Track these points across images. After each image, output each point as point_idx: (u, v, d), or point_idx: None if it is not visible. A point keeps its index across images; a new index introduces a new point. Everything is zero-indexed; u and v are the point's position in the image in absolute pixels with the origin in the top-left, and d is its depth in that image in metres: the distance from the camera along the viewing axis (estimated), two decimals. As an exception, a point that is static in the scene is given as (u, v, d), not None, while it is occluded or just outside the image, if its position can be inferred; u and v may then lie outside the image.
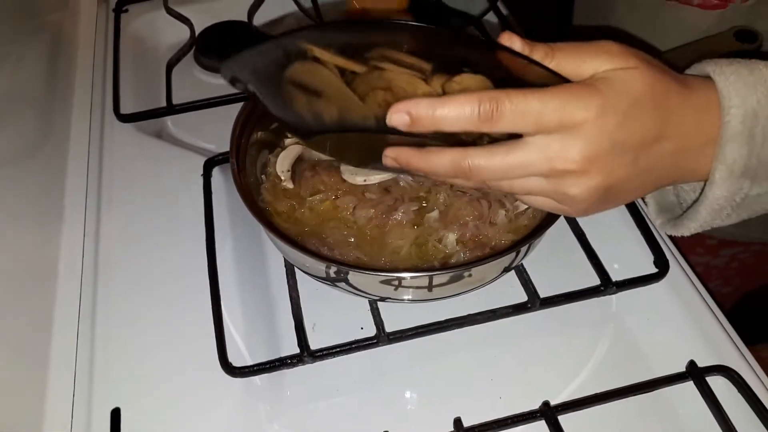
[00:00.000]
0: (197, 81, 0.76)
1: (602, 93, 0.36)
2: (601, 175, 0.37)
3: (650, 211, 0.49)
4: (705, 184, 0.41)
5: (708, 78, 0.39)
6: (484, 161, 0.37)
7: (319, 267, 0.48)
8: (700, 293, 0.55)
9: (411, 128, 0.36)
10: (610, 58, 0.37)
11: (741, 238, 0.76)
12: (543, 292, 0.52)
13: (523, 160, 0.37)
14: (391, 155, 0.40)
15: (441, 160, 0.38)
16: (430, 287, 0.48)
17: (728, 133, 0.38)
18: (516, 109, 0.35)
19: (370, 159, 0.43)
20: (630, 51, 0.38)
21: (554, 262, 0.56)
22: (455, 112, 0.35)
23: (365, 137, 0.42)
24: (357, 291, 0.49)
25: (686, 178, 0.42)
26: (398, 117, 0.36)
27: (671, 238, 0.60)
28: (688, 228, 0.44)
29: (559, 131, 0.36)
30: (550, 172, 0.37)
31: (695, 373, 0.49)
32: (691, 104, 0.38)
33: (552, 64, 0.38)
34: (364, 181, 0.54)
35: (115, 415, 0.49)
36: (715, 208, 0.41)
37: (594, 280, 0.54)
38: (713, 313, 0.53)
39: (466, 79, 0.39)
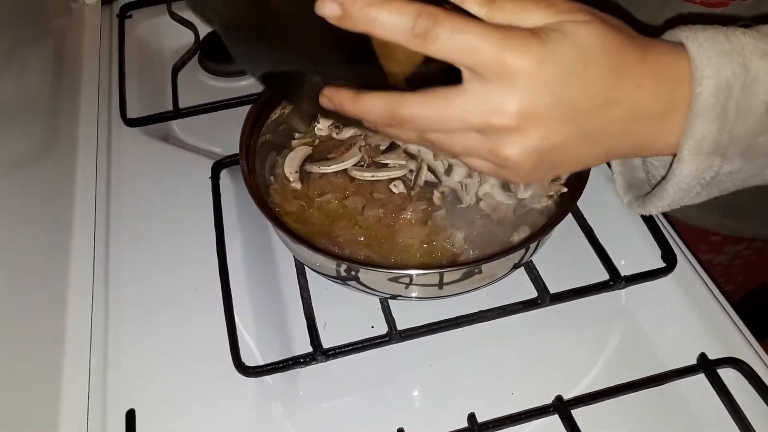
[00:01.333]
0: (202, 85, 0.77)
1: (543, 41, 0.32)
2: (537, 136, 0.34)
3: (618, 188, 0.46)
4: (673, 160, 0.37)
5: (680, 45, 0.35)
6: (419, 110, 0.34)
7: (331, 265, 0.48)
8: (708, 286, 0.55)
9: (340, 21, 0.33)
10: (554, 11, 0.34)
11: (745, 234, 0.76)
12: (553, 288, 0.53)
13: (460, 111, 0.34)
14: (327, 94, 0.38)
15: (374, 105, 0.36)
16: (440, 284, 0.48)
17: (699, 105, 0.34)
18: (454, 34, 0.32)
19: (316, 104, 0.40)
20: (580, 6, 0.34)
21: (563, 259, 0.57)
22: (390, 16, 0.32)
23: (309, 76, 0.40)
24: (368, 289, 0.50)
25: (645, 149, 0.38)
26: (329, 5, 0.32)
27: (678, 232, 0.60)
28: (656, 206, 0.41)
29: (498, 79, 0.33)
30: (485, 126, 0.34)
31: (706, 366, 0.49)
32: (649, 68, 0.35)
33: (483, 13, 0.34)
34: (372, 176, 0.55)
35: (130, 416, 0.49)
36: (683, 187, 0.38)
37: (603, 276, 0.54)
38: (722, 305, 0.54)
39: None
